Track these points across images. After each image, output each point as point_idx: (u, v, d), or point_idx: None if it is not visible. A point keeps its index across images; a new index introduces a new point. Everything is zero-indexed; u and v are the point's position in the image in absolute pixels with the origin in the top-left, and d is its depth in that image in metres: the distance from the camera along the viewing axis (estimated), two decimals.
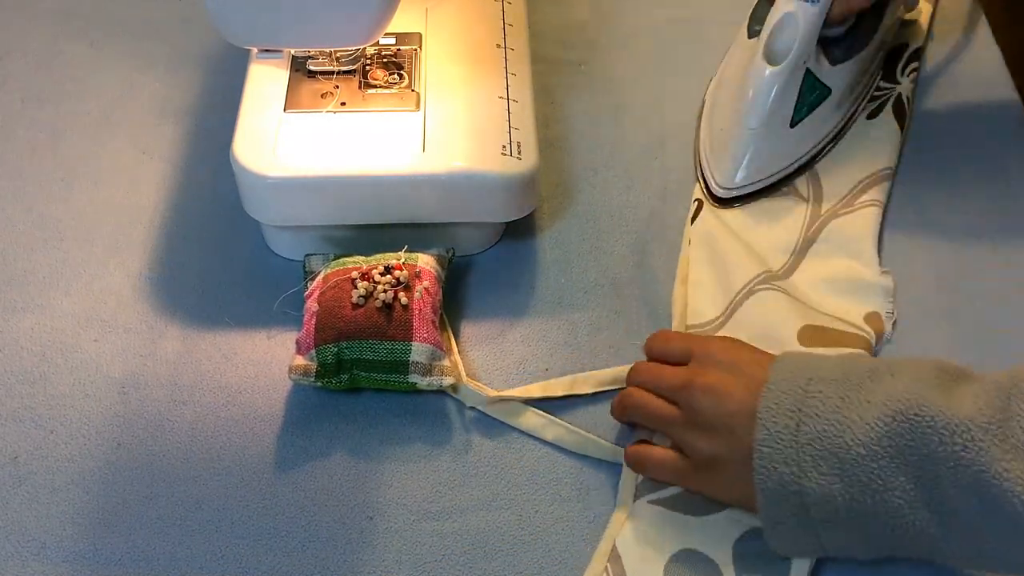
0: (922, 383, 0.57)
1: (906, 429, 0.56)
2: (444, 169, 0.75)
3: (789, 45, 0.79)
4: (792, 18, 0.79)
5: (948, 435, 0.55)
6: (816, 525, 0.59)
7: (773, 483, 0.59)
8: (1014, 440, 0.53)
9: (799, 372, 0.61)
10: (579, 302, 0.78)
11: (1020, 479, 0.53)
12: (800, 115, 0.82)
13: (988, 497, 0.54)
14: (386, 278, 0.72)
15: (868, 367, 0.60)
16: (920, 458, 0.56)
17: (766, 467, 0.59)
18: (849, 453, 0.57)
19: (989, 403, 0.55)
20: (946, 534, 0.56)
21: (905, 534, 0.57)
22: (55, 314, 0.77)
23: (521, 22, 0.87)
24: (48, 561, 0.65)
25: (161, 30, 0.98)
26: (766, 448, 0.59)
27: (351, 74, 0.81)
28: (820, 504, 0.58)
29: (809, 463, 0.58)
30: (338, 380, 0.71)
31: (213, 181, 0.85)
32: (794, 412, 0.59)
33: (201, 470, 0.69)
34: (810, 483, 0.58)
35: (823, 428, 0.58)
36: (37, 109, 0.91)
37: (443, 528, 0.66)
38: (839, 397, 0.59)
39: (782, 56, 0.79)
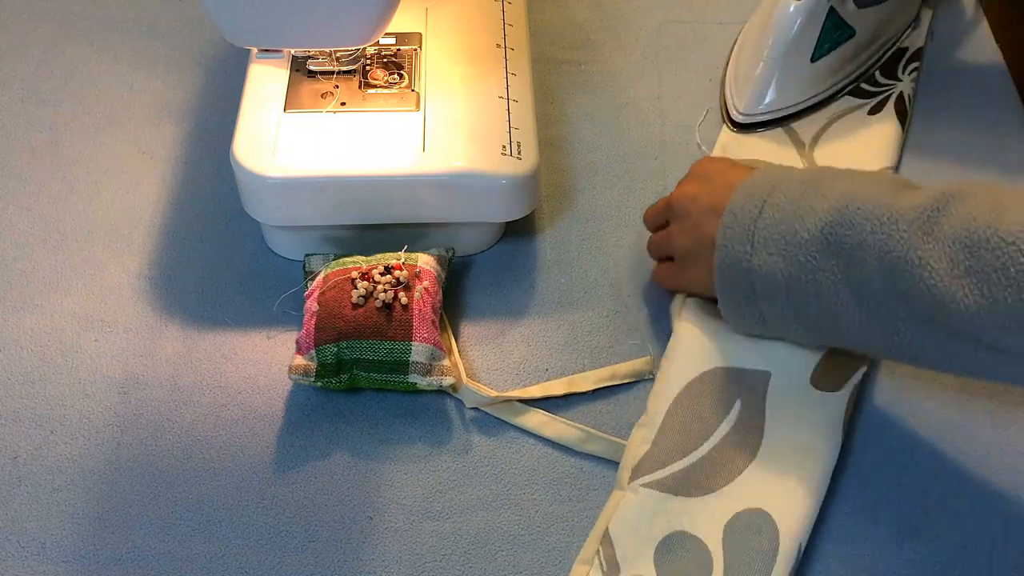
0: (873, 184, 0.64)
1: (845, 220, 0.62)
2: (444, 169, 0.75)
3: None
4: None
5: (879, 224, 0.61)
6: (760, 301, 0.67)
7: (729, 260, 0.67)
8: (938, 233, 0.58)
9: (775, 173, 0.68)
10: (579, 302, 0.78)
11: (930, 265, 0.58)
12: (821, 51, 0.86)
13: (901, 281, 0.59)
14: (386, 278, 0.72)
15: (834, 172, 0.67)
16: (852, 245, 0.62)
17: (725, 245, 0.67)
18: (795, 237, 0.64)
19: (927, 203, 0.60)
20: (865, 317, 0.62)
21: (833, 316, 0.64)
22: (55, 314, 0.77)
23: (521, 22, 0.87)
24: (48, 561, 0.65)
25: (161, 30, 0.98)
26: (728, 230, 0.67)
27: (351, 74, 0.81)
28: (764, 281, 0.66)
29: (760, 244, 0.65)
30: (338, 380, 0.71)
31: (213, 181, 0.85)
32: (759, 203, 0.66)
33: (201, 470, 0.69)
34: (758, 261, 0.65)
35: (779, 216, 0.65)
36: (37, 109, 0.91)
37: (443, 528, 0.66)
38: (800, 192, 0.65)
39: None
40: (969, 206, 0.58)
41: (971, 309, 0.57)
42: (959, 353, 0.60)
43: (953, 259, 0.57)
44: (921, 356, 0.62)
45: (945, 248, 0.58)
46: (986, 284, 0.56)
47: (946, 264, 0.58)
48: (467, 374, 0.73)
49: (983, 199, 0.59)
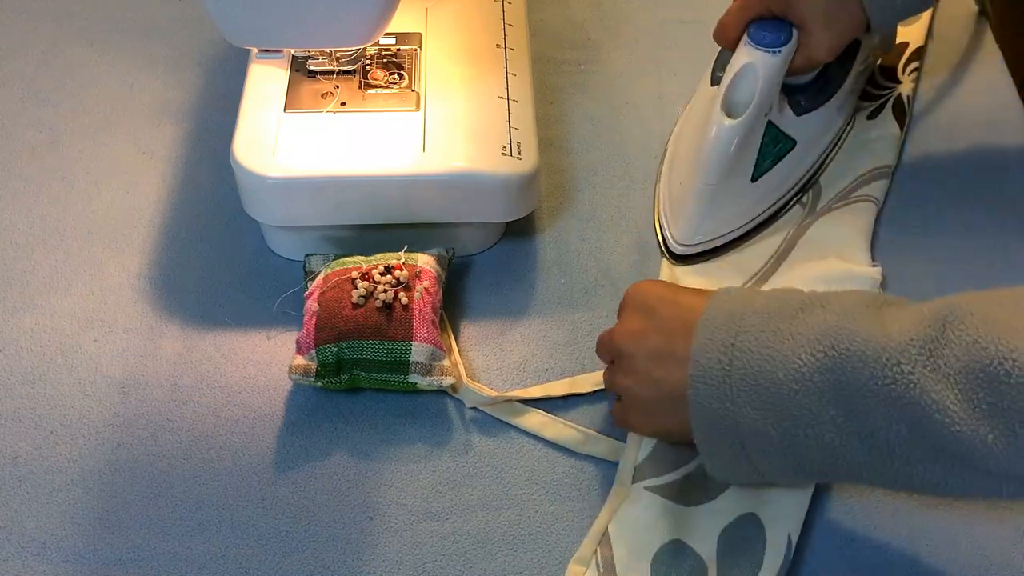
0: (853, 313, 0.57)
1: (836, 363, 0.56)
2: (444, 169, 0.75)
3: (749, 96, 0.75)
4: (752, 69, 0.75)
5: (879, 367, 0.55)
6: (751, 455, 0.60)
7: (707, 418, 0.60)
8: (945, 369, 0.53)
9: (734, 307, 0.61)
10: (579, 302, 0.78)
11: (948, 408, 0.53)
12: (762, 169, 0.78)
13: (917, 427, 0.54)
14: (386, 278, 0.72)
15: (800, 300, 0.60)
16: (850, 391, 0.56)
17: (700, 402, 0.60)
18: (780, 388, 0.57)
19: (921, 331, 0.55)
20: (877, 463, 0.57)
21: (837, 463, 0.58)
22: (55, 314, 0.77)
23: (521, 22, 0.87)
24: (48, 561, 0.65)
25: (161, 30, 0.98)
26: (700, 385, 0.60)
27: (351, 74, 0.81)
28: (753, 437, 0.59)
29: (742, 399, 0.58)
30: (338, 380, 0.71)
31: (213, 181, 0.85)
32: (727, 348, 0.59)
33: (201, 470, 0.69)
34: (743, 418, 0.59)
35: (755, 363, 0.58)
36: (37, 109, 0.91)
37: (443, 528, 0.66)
38: (771, 331, 0.59)
39: (741, 108, 0.75)
40: (971, 330, 0.53)
41: (1003, 451, 0.52)
42: (989, 486, 0.56)
43: (971, 399, 0.52)
44: (945, 491, 0.57)
45: (959, 385, 0.53)
46: (1017, 424, 0.51)
47: (964, 404, 0.52)
48: (467, 374, 0.73)
49: (983, 318, 0.53)
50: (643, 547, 0.64)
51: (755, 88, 0.74)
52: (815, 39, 0.75)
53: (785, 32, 0.75)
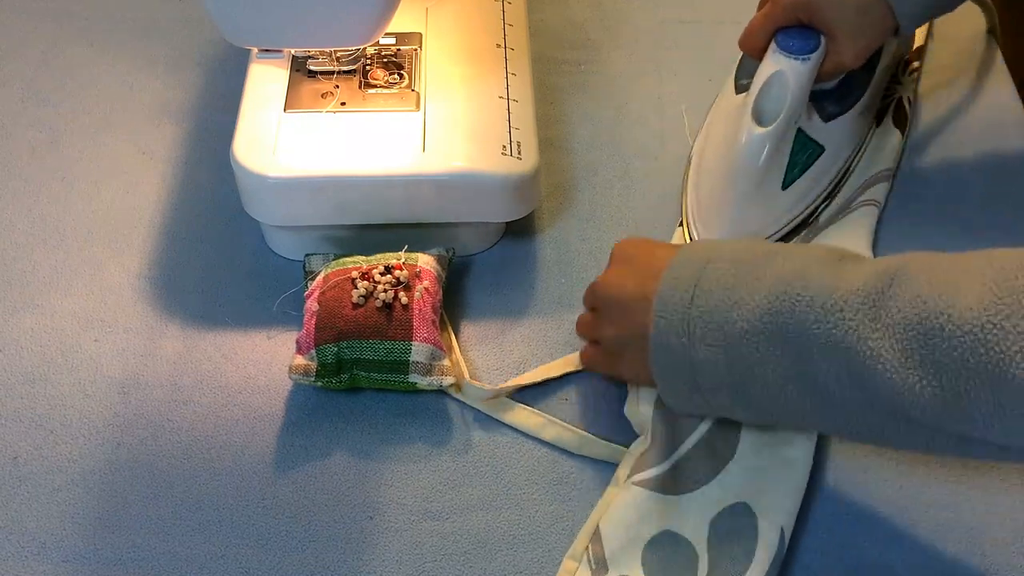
0: (811, 263, 0.60)
1: (786, 307, 0.59)
2: (444, 169, 0.75)
3: (779, 104, 0.75)
4: (782, 77, 0.75)
5: (823, 313, 0.57)
6: (704, 391, 0.63)
7: (665, 352, 0.63)
8: (887, 319, 0.55)
9: (702, 253, 0.64)
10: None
11: (884, 357, 0.55)
12: (793, 176, 0.78)
13: (855, 373, 0.56)
14: (386, 278, 0.72)
15: (765, 248, 0.63)
16: (795, 334, 0.58)
17: (660, 336, 0.63)
18: (734, 327, 0.60)
19: (869, 283, 0.57)
20: (818, 407, 0.60)
21: (781, 404, 0.61)
22: (55, 314, 0.77)
23: (521, 22, 0.87)
24: (48, 561, 0.65)
25: (161, 30, 0.98)
26: (662, 320, 0.62)
27: (351, 74, 0.81)
28: (706, 373, 0.62)
29: (698, 335, 0.61)
30: (338, 380, 0.71)
31: (213, 181, 0.85)
32: (689, 288, 0.62)
33: (201, 470, 0.69)
34: (698, 354, 0.62)
35: (714, 304, 0.61)
36: (37, 109, 0.91)
37: (443, 528, 0.66)
38: (732, 274, 0.62)
39: (771, 116, 0.75)
40: (915, 286, 0.55)
41: (931, 401, 0.54)
42: (920, 437, 0.58)
43: (906, 349, 0.54)
44: (880, 439, 0.61)
45: (896, 336, 0.55)
46: (945, 376, 0.54)
47: (899, 355, 0.55)
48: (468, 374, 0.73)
49: (928, 277, 0.56)
50: (633, 540, 0.64)
51: (785, 96, 0.74)
52: (843, 46, 0.75)
53: (814, 39, 0.75)
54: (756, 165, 0.75)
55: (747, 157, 0.75)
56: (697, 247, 0.65)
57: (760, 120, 0.75)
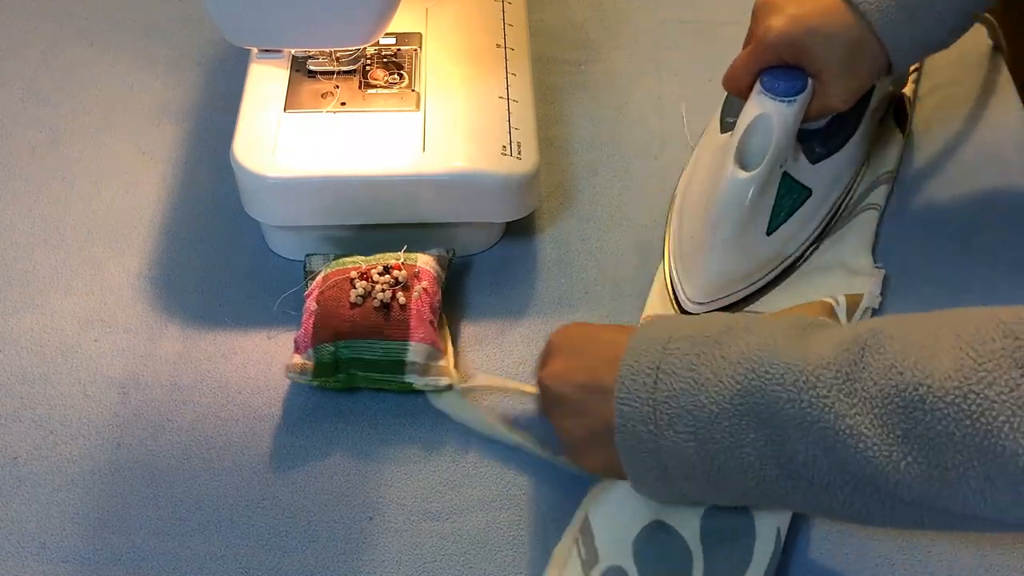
0: (776, 336, 0.57)
1: (756, 387, 0.55)
2: (444, 169, 0.75)
3: (764, 147, 0.71)
4: (766, 120, 0.71)
5: (795, 391, 0.54)
6: (673, 478, 0.59)
7: (632, 441, 0.59)
8: (862, 392, 0.53)
9: (660, 332, 0.60)
10: (579, 302, 0.78)
11: (863, 434, 0.52)
12: (778, 221, 0.74)
13: (833, 452, 0.53)
14: (384, 278, 0.72)
15: (725, 323, 0.60)
16: (769, 415, 0.55)
17: (625, 425, 0.59)
18: (703, 412, 0.57)
19: (840, 355, 0.54)
20: (798, 489, 0.56)
21: (759, 487, 0.58)
22: (55, 314, 0.77)
23: (521, 22, 0.87)
24: (48, 561, 0.65)
25: (161, 30, 0.98)
26: (625, 407, 0.59)
27: (351, 74, 0.81)
28: (678, 461, 0.58)
29: (665, 421, 0.58)
30: (335, 379, 0.71)
31: (213, 181, 0.85)
32: (652, 370, 0.58)
33: (201, 470, 0.69)
34: (666, 441, 0.58)
35: (679, 386, 0.58)
36: (37, 109, 0.91)
37: (443, 528, 0.66)
38: (695, 354, 0.58)
39: (756, 159, 0.71)
40: (888, 355, 0.53)
41: (917, 478, 0.52)
42: (909, 515, 0.55)
43: (886, 424, 0.52)
44: (867, 519, 0.57)
45: (874, 411, 0.52)
46: (930, 450, 0.51)
47: (879, 430, 0.52)
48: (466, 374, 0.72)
49: (901, 344, 0.53)
50: (624, 530, 0.64)
51: (770, 139, 0.71)
52: (831, 88, 0.72)
53: (800, 80, 0.72)
54: (739, 210, 0.72)
55: (730, 202, 0.72)
56: (652, 328, 0.61)
57: (744, 163, 0.72)
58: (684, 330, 0.60)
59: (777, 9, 0.72)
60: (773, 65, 0.73)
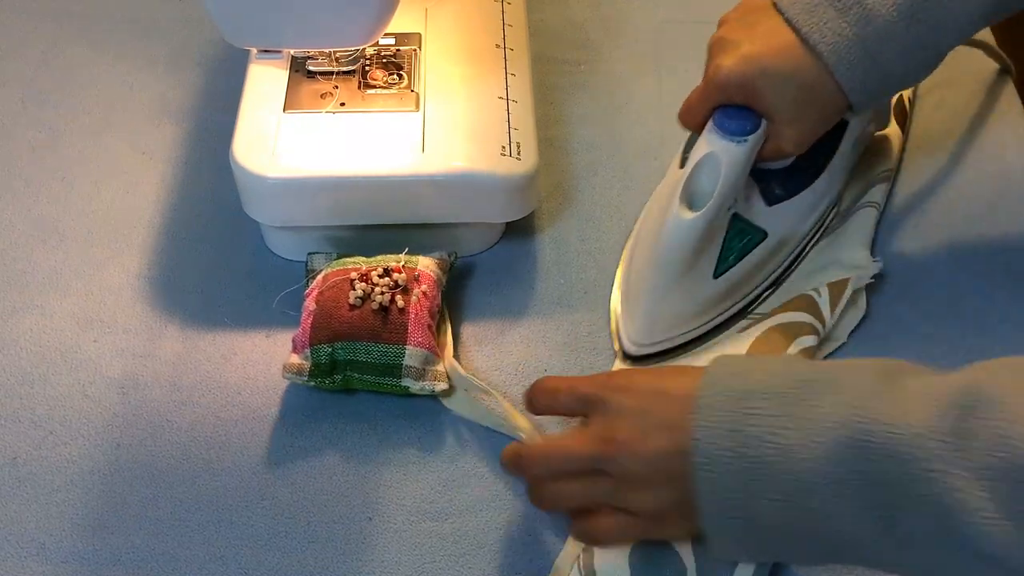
0: (867, 393, 0.54)
1: (854, 455, 0.52)
2: (444, 169, 0.75)
3: (712, 187, 0.68)
4: (714, 159, 0.68)
5: (901, 463, 0.51)
6: (763, 544, 0.57)
7: (719, 511, 0.56)
8: (974, 465, 0.50)
9: (732, 388, 0.57)
10: (579, 302, 0.78)
11: (978, 508, 0.50)
12: (727, 264, 0.72)
13: (944, 523, 0.51)
14: (384, 280, 0.71)
15: (805, 377, 0.56)
16: (873, 485, 0.52)
17: (711, 496, 0.56)
18: (796, 481, 0.54)
19: (945, 420, 0.51)
20: (895, 553, 0.54)
21: (853, 552, 0.55)
22: (55, 314, 0.77)
23: (521, 22, 0.87)
24: (48, 561, 0.65)
25: (161, 30, 0.98)
26: (707, 473, 0.56)
27: (351, 74, 0.81)
28: (766, 528, 0.56)
29: (755, 489, 0.55)
30: (331, 380, 0.71)
31: (213, 181, 0.85)
32: (733, 433, 0.55)
33: (201, 470, 0.69)
34: (755, 510, 0.55)
35: (766, 453, 0.54)
36: (37, 109, 0.91)
37: (443, 528, 0.66)
38: (782, 415, 0.55)
39: (704, 199, 0.69)
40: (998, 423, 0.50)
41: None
42: None
43: (1002, 498, 0.49)
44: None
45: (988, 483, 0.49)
46: None
47: (994, 504, 0.49)
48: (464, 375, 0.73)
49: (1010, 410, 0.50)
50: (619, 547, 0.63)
51: (717, 179, 0.68)
52: (783, 130, 0.69)
53: (752, 120, 0.69)
54: (682, 252, 0.69)
55: (673, 244, 0.69)
56: (721, 378, 0.58)
57: (691, 203, 0.69)
58: (759, 383, 0.56)
59: (731, 47, 0.69)
60: (727, 103, 0.70)
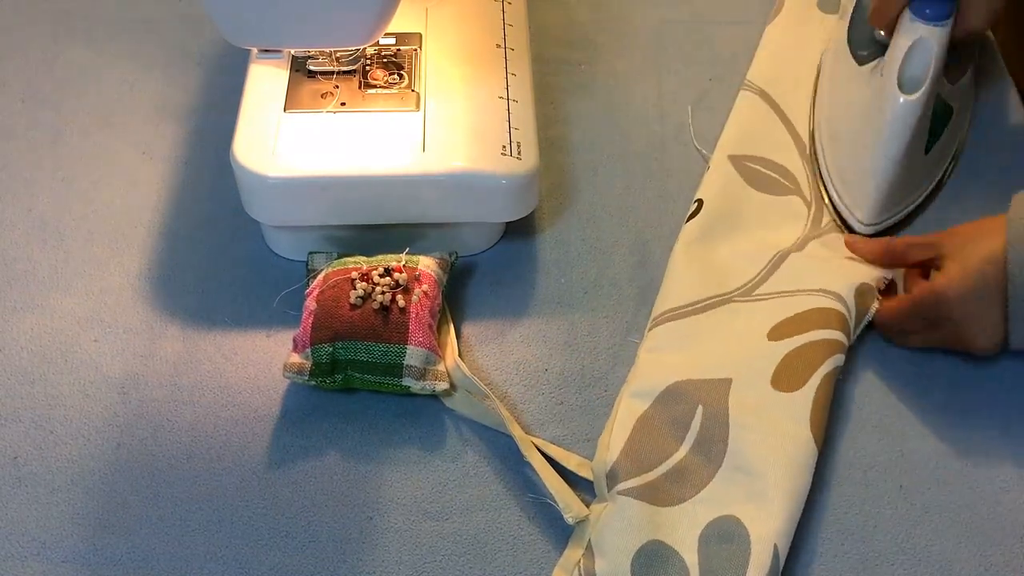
0: None
1: None
2: (444, 169, 0.75)
3: (919, 70, 0.76)
4: (923, 44, 0.76)
5: None
6: None
7: None
8: None
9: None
10: (579, 302, 0.78)
11: None
12: (934, 139, 0.80)
13: None
14: (385, 280, 0.71)
15: None
16: None
17: None
18: None
19: None
20: None
21: None
22: (55, 314, 0.77)
23: (521, 22, 0.87)
24: (48, 561, 0.65)
25: (161, 30, 0.98)
26: None
27: (351, 74, 0.81)
28: None
29: None
30: (331, 380, 0.71)
31: (213, 181, 0.85)
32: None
33: (201, 470, 0.69)
34: None
35: None
36: (37, 109, 0.91)
37: (443, 528, 0.66)
38: None
39: (913, 82, 0.77)
40: None
41: None
42: None
43: None
44: None
45: None
46: None
47: None
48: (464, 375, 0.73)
49: None
50: (621, 551, 0.63)
51: (928, 62, 0.76)
52: (974, 9, 0.77)
53: (948, 3, 0.76)
54: (907, 132, 0.76)
55: (898, 125, 0.76)
56: None
57: (904, 87, 0.76)
58: None
59: None
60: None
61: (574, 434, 0.71)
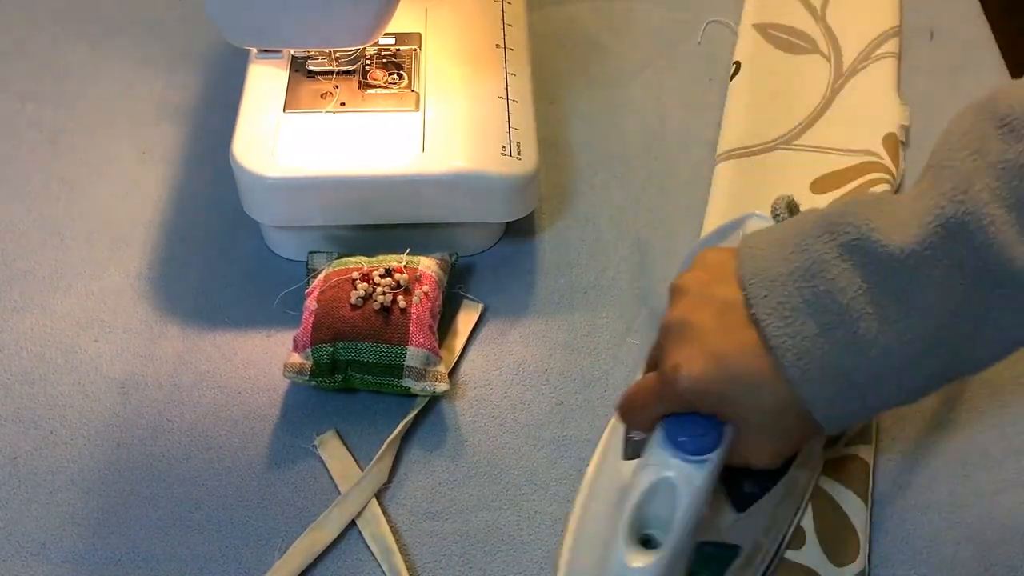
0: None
1: None
2: (444, 169, 0.75)
3: (668, 516, 0.53)
4: (670, 485, 0.53)
5: None
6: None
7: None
8: None
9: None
10: (579, 302, 0.78)
11: None
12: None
13: None
14: (386, 280, 0.71)
15: None
16: None
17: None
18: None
19: None
20: None
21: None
22: (55, 314, 0.77)
23: (521, 22, 0.87)
24: (48, 561, 0.65)
25: (161, 30, 0.98)
26: None
27: (351, 74, 0.81)
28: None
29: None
30: (332, 380, 0.71)
31: (213, 181, 0.85)
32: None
33: (201, 470, 0.69)
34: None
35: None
36: (37, 109, 0.91)
37: (443, 528, 0.66)
38: None
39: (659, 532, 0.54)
40: None
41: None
42: None
43: None
44: None
45: None
46: None
47: None
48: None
49: None
50: None
51: (674, 508, 0.53)
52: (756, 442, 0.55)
53: (713, 434, 0.54)
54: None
55: None
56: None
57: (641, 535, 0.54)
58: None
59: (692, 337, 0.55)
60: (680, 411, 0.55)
61: (574, 434, 0.71)
